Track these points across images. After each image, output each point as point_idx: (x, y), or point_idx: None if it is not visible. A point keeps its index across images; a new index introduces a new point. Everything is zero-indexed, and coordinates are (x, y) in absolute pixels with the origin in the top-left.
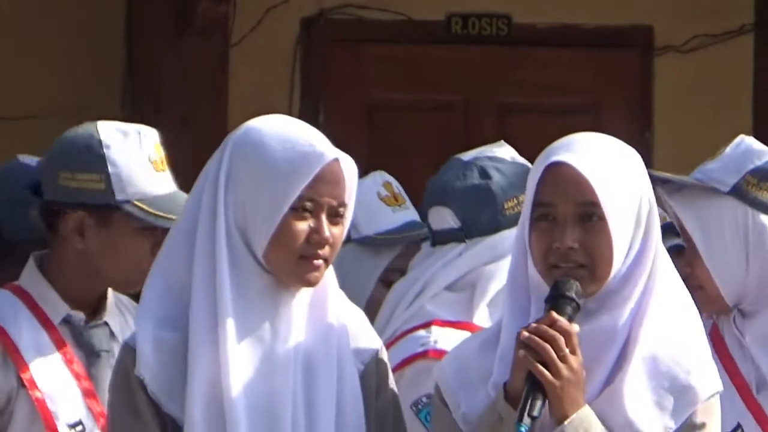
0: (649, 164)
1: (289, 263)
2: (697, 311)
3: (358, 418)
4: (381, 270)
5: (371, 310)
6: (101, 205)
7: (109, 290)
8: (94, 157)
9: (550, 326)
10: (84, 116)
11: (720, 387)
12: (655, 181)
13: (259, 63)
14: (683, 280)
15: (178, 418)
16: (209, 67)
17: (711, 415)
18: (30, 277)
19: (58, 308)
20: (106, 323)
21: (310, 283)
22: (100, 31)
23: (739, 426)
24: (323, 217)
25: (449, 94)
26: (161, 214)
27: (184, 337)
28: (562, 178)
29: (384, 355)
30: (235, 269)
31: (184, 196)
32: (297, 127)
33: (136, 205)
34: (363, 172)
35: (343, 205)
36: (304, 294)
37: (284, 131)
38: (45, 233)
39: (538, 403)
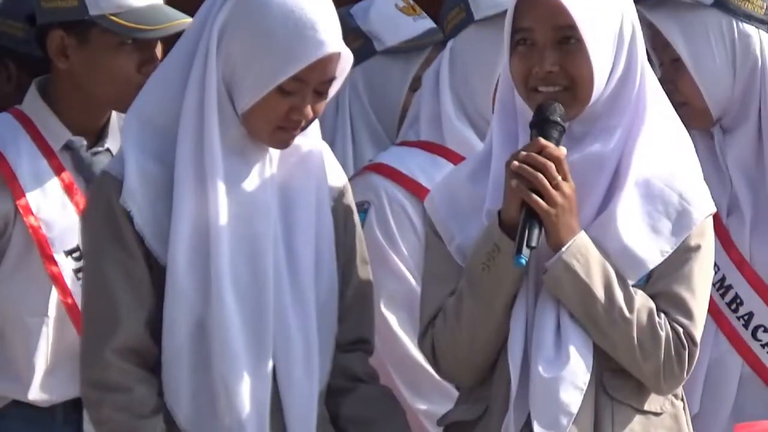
0: None
1: (266, 131)
2: (686, 132)
3: (332, 257)
4: (410, 78)
5: (404, 119)
6: (77, 22)
7: (114, 116)
8: None
9: (539, 153)
10: None
11: (713, 208)
12: None
13: None
14: None
15: (159, 256)
16: None
17: (704, 237)
18: (32, 101)
19: (58, 134)
20: (108, 149)
21: (283, 147)
22: None
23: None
24: (307, 96)
25: None
26: (138, 26)
27: (170, 174)
28: (537, 3)
29: (349, 190)
30: (220, 117)
31: (165, 8)
32: None
33: (110, 19)
34: None
35: (331, 80)
36: None
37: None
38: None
39: (536, 231)
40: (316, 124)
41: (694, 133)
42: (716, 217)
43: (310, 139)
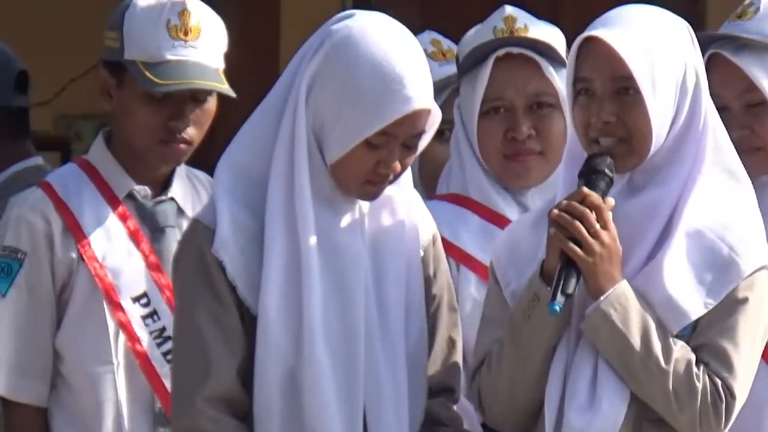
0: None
1: (354, 184)
2: (750, 182)
3: (422, 305)
4: None
5: (425, 164)
6: (116, 63)
7: (182, 165)
8: (119, 14)
9: (582, 201)
10: None
11: (766, 261)
12: (715, 40)
13: None
14: (738, 143)
15: (251, 306)
16: None
17: (754, 290)
18: (97, 150)
19: (122, 183)
20: (172, 199)
21: (371, 200)
22: None
23: None
24: (395, 150)
25: None
26: (160, 79)
27: (261, 223)
28: (596, 53)
29: (438, 239)
30: (310, 167)
31: (198, 65)
32: (396, 51)
33: (138, 67)
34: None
35: (420, 134)
36: None
37: (381, 53)
38: None
39: (572, 280)
40: (408, 173)
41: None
42: None
43: (401, 189)
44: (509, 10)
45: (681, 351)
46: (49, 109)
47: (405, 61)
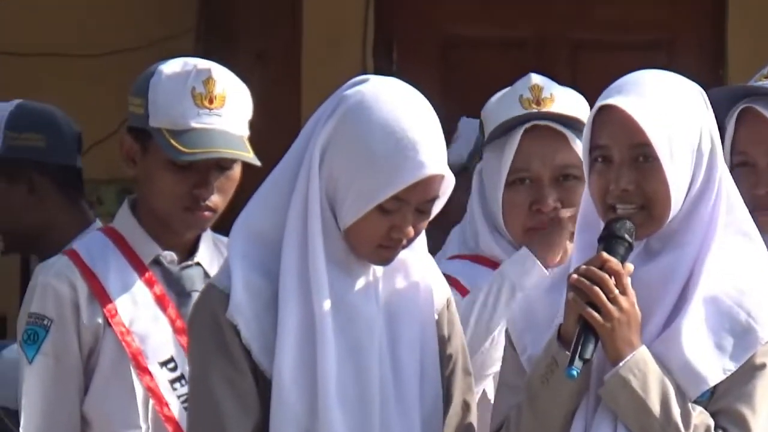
0: None
1: (367, 248)
2: (762, 242)
3: (436, 369)
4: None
5: None
6: (141, 130)
7: (207, 230)
8: (144, 81)
9: (601, 267)
10: (158, 50)
11: None
12: (744, 95)
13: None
14: (762, 199)
15: (266, 369)
16: (284, 2)
17: None
18: (123, 217)
19: (148, 248)
20: (198, 264)
21: (384, 265)
22: None
23: None
24: (408, 215)
25: (523, 30)
26: (184, 148)
27: (275, 286)
28: (613, 120)
29: (452, 302)
30: (323, 231)
31: (226, 135)
32: (409, 117)
33: (163, 134)
34: (437, 109)
35: (434, 199)
36: None
37: (394, 119)
38: None
39: (590, 345)
40: (422, 237)
41: None
42: None
43: (416, 253)
44: (535, 78)
45: (700, 417)
46: None
47: (418, 126)
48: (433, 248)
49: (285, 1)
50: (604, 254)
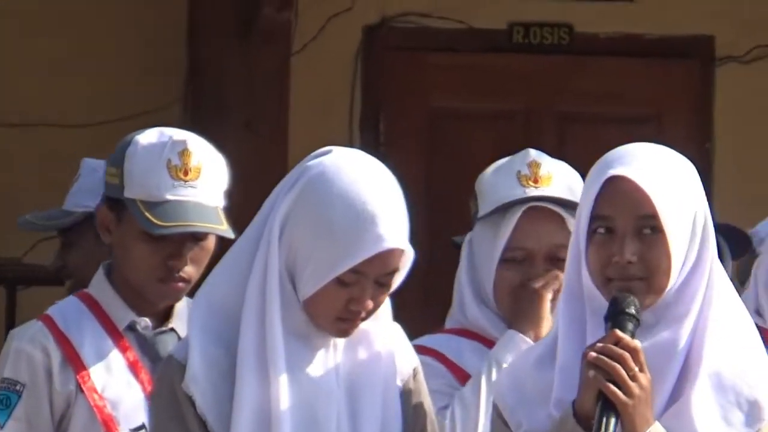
0: (709, 175)
1: (325, 320)
2: (753, 323)
3: None
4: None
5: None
6: (116, 200)
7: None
8: (121, 151)
9: (615, 345)
10: (145, 120)
11: None
12: None
13: (321, 70)
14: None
15: None
16: (271, 73)
17: None
18: (98, 283)
19: (122, 314)
20: (173, 329)
21: (343, 336)
22: (162, 34)
23: None
24: (367, 288)
25: (510, 102)
26: (158, 220)
27: (233, 358)
28: (620, 191)
29: (420, 372)
30: (282, 302)
31: (201, 207)
32: (370, 190)
33: (138, 206)
34: (423, 180)
35: (393, 272)
36: None
37: (354, 192)
38: None
39: (612, 422)
40: (387, 305)
41: None
42: None
43: (380, 322)
44: (533, 154)
45: None
46: (53, 243)
47: (378, 199)
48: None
49: (273, 71)
50: (618, 332)
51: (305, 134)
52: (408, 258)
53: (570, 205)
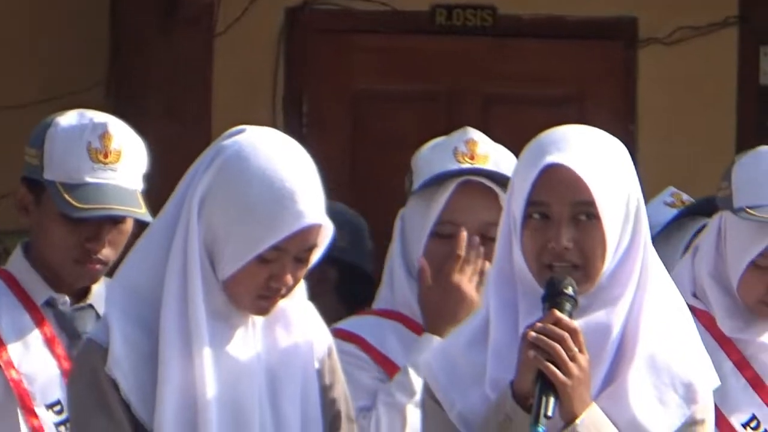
0: (633, 156)
1: (246, 299)
2: (686, 305)
3: (319, 420)
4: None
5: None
6: (35, 181)
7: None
8: (41, 133)
9: (555, 325)
10: (67, 102)
11: (717, 383)
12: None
13: (244, 52)
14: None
15: (146, 422)
16: (194, 55)
17: (709, 411)
18: (16, 260)
19: (40, 291)
20: (91, 306)
21: (263, 315)
22: (84, 16)
23: (754, 417)
24: (287, 264)
25: (433, 84)
26: (77, 203)
27: (154, 341)
28: (558, 178)
29: (334, 350)
30: (203, 283)
31: (120, 190)
32: (287, 167)
33: (57, 188)
34: (347, 161)
35: (312, 248)
36: None
37: (271, 169)
38: None
39: (552, 402)
40: (301, 285)
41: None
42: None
43: (295, 302)
44: (471, 132)
45: None
46: None
47: (296, 176)
48: None
49: (196, 56)
50: (557, 312)
51: (228, 116)
52: (325, 234)
53: (504, 183)
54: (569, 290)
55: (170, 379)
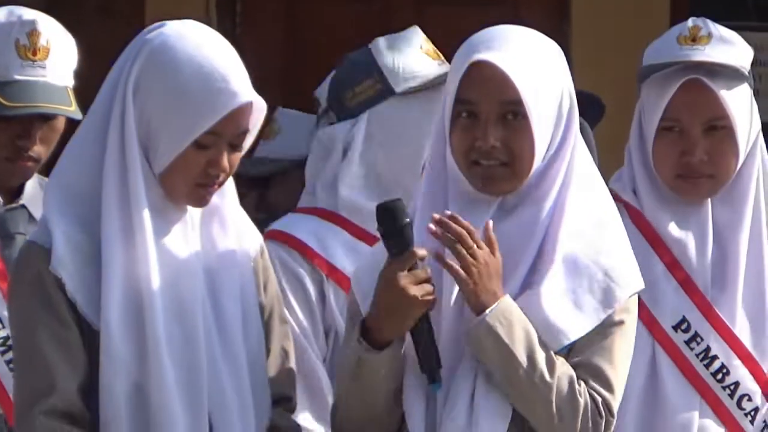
0: (567, 57)
1: (184, 189)
2: (615, 206)
3: (257, 316)
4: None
5: None
6: None
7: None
8: None
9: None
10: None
11: (641, 286)
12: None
13: None
14: (693, 167)
15: (92, 321)
16: None
17: (629, 313)
18: None
19: None
20: (24, 206)
21: (202, 206)
22: None
23: (684, 320)
24: (223, 149)
25: None
26: (7, 102)
27: (95, 239)
28: (485, 76)
29: (265, 250)
30: (143, 178)
31: (50, 87)
32: (214, 51)
33: None
34: (281, 62)
35: (245, 132)
36: None
37: (201, 55)
38: None
39: (434, 351)
40: (231, 183)
41: (688, 209)
42: (691, 285)
43: (227, 200)
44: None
45: (562, 367)
46: None
47: (225, 59)
48: None
49: None
50: (451, 214)
51: (162, 16)
52: (257, 119)
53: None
54: (403, 220)
55: (114, 277)
